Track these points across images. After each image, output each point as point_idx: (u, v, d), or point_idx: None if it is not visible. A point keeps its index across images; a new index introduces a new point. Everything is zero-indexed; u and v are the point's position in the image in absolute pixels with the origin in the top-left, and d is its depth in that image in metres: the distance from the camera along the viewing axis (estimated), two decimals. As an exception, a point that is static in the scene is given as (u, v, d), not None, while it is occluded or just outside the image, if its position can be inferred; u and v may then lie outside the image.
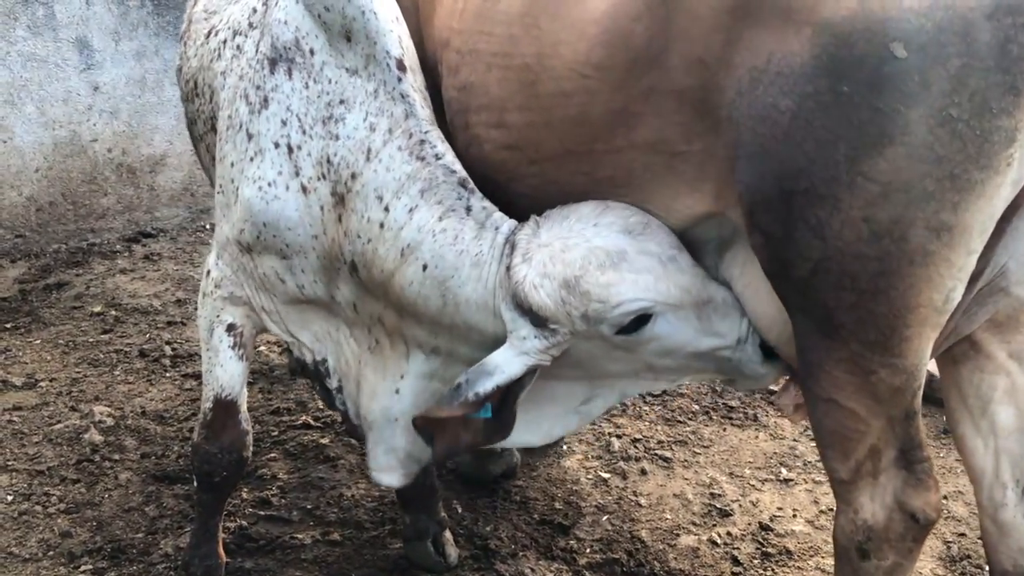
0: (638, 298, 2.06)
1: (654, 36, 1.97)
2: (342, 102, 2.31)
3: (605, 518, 3.35)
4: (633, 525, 3.31)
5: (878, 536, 1.92)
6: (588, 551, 3.15)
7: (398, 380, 2.50)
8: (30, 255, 5.76)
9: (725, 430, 3.99)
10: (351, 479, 3.52)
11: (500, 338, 2.23)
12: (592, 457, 3.73)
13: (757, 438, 3.94)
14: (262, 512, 3.30)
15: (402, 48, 2.33)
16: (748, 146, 1.85)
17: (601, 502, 3.45)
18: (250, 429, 2.70)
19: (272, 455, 3.66)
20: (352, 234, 2.33)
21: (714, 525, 3.32)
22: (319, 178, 2.34)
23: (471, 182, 2.28)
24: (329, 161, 2.32)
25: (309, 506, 3.34)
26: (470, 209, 2.25)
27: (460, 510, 3.35)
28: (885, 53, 1.66)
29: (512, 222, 2.26)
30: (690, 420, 4.05)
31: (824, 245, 1.78)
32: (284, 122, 2.34)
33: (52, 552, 3.08)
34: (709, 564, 3.11)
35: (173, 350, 4.59)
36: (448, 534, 3.08)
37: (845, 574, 2.01)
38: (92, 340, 4.67)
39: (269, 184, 2.36)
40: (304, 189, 2.35)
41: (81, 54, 5.87)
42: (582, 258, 2.07)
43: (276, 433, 3.84)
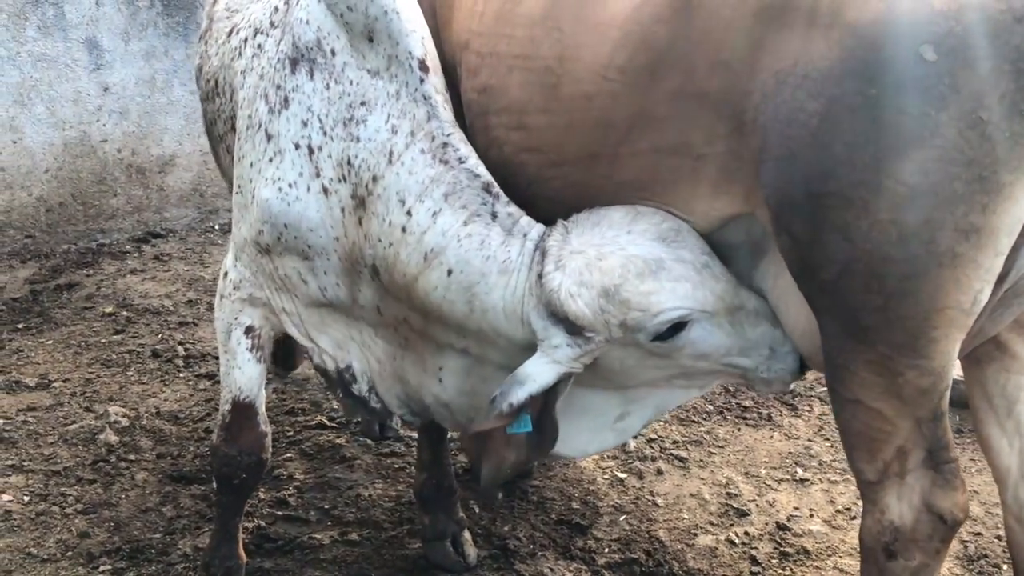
0: (678, 307, 2.05)
1: (677, 39, 1.97)
2: (363, 103, 2.29)
3: (623, 518, 3.35)
4: (651, 525, 3.32)
5: (905, 537, 1.92)
6: (607, 551, 3.16)
7: (438, 371, 2.48)
8: (40, 255, 5.77)
9: (740, 430, 3.99)
10: (368, 479, 3.52)
11: (527, 345, 2.21)
12: (608, 457, 3.73)
13: (772, 438, 3.94)
14: (280, 512, 3.30)
15: (424, 49, 2.31)
16: (774, 149, 1.84)
17: (618, 502, 3.45)
18: (269, 431, 2.69)
19: (288, 455, 3.67)
20: (373, 238, 2.31)
21: (731, 525, 3.32)
22: (340, 180, 2.32)
23: (496, 186, 2.26)
24: (350, 163, 2.30)
25: (327, 506, 3.35)
26: (496, 215, 2.23)
27: (477, 510, 3.36)
28: (915, 56, 1.66)
29: (540, 227, 2.23)
30: (704, 420, 4.06)
31: (851, 247, 1.78)
32: (305, 123, 2.33)
33: (71, 552, 3.08)
34: (728, 564, 3.11)
35: (186, 350, 4.60)
36: (467, 534, 3.08)
37: (871, 575, 2.01)
38: (104, 340, 4.68)
39: (290, 185, 2.35)
40: (325, 191, 2.33)
41: (91, 54, 5.88)
42: (620, 266, 2.05)
43: (291, 433, 3.84)
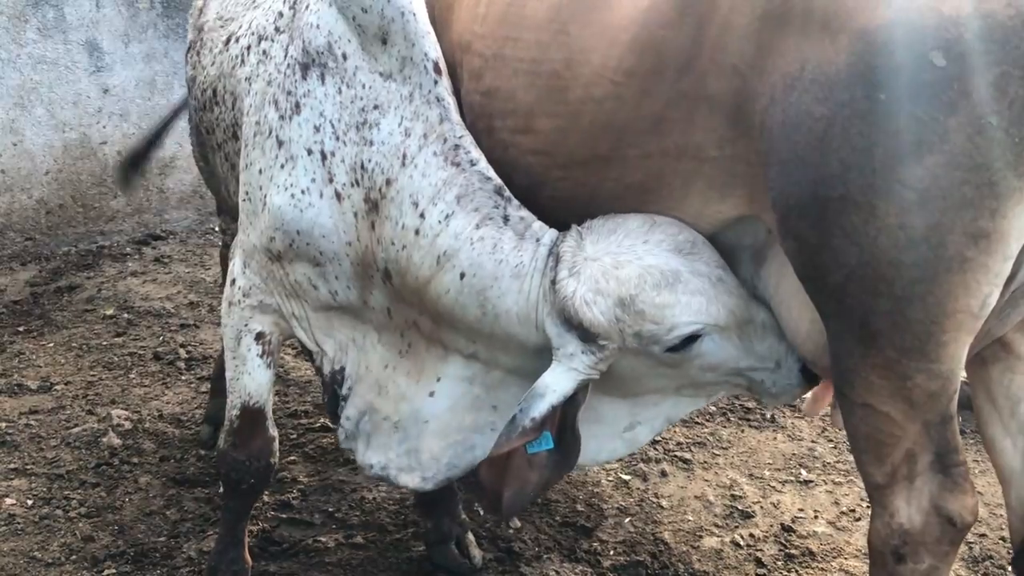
0: (692, 321, 2.05)
1: (686, 43, 1.97)
2: (376, 107, 2.28)
3: (627, 520, 3.35)
4: (656, 527, 3.32)
5: (914, 540, 1.92)
6: (612, 553, 3.16)
7: (433, 383, 2.47)
8: (40, 258, 5.76)
9: (743, 431, 4.00)
10: (371, 482, 3.51)
11: (540, 348, 2.21)
12: (612, 459, 3.73)
13: (775, 439, 3.95)
14: (284, 515, 3.29)
15: (437, 51, 2.31)
16: (781, 152, 1.85)
17: (623, 504, 3.45)
18: (276, 436, 2.70)
19: (292, 458, 3.66)
20: (386, 241, 2.31)
21: (736, 527, 3.33)
22: (353, 184, 2.31)
23: (507, 190, 2.26)
24: (363, 167, 2.29)
25: (331, 509, 3.34)
26: (508, 218, 2.23)
27: (482, 512, 3.35)
28: (924, 62, 1.66)
29: (553, 232, 2.23)
30: (708, 422, 4.06)
31: (860, 252, 1.78)
32: (317, 128, 2.32)
33: (75, 556, 3.07)
34: (733, 566, 3.12)
35: (188, 353, 4.59)
36: (471, 536, 3.09)
37: (880, 578, 2.01)
38: (106, 343, 4.67)
39: (303, 192, 2.33)
40: (338, 196, 2.32)
41: (91, 56, 5.87)
42: (637, 276, 2.05)
43: (295, 436, 3.84)
